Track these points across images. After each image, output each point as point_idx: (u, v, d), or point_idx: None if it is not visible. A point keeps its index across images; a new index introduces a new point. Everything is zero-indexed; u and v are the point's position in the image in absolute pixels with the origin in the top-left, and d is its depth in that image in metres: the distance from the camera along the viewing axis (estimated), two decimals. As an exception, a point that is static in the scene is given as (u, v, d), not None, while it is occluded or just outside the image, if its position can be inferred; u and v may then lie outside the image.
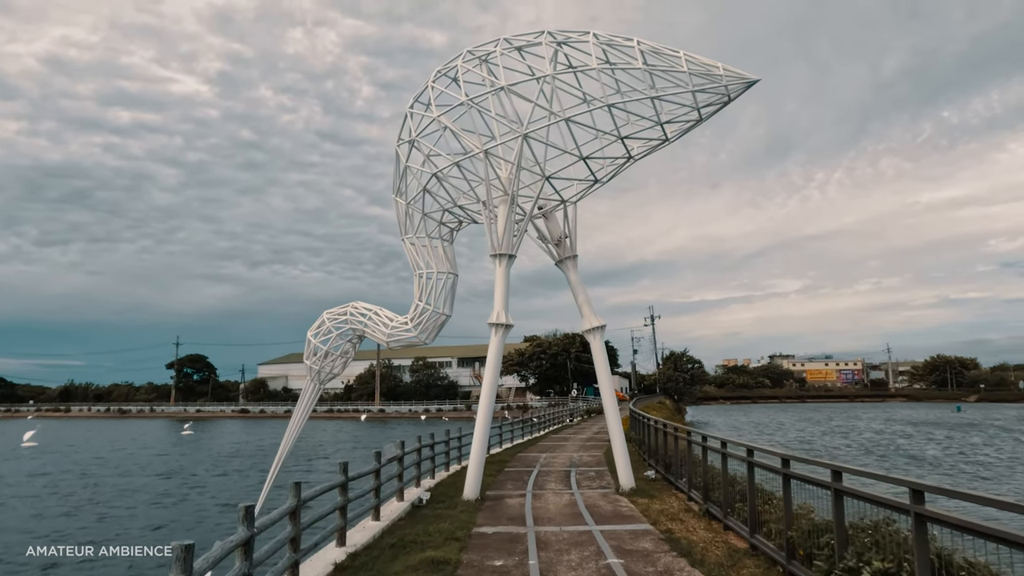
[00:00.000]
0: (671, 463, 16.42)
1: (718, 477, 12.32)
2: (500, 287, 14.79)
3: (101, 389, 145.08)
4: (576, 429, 41.28)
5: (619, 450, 15.41)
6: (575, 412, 56.92)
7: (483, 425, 14.47)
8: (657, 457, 18.36)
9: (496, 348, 14.60)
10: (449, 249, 16.99)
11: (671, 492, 15.05)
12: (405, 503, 13.44)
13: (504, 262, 14.87)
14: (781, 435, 58.76)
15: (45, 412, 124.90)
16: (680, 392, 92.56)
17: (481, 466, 14.46)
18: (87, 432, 75.02)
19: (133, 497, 26.82)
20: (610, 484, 16.43)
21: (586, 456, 23.42)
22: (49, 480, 32.80)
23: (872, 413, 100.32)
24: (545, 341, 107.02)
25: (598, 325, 15.67)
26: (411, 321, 16.41)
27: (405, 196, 16.41)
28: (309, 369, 17.71)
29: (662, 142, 14.81)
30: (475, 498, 14.05)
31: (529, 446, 28.12)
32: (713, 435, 12.43)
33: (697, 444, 13.22)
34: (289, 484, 8.26)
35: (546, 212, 16.49)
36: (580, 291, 16.04)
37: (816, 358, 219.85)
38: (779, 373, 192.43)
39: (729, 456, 11.03)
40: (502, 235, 14.91)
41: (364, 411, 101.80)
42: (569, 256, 16.17)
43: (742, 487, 10.86)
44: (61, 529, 19.94)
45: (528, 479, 17.43)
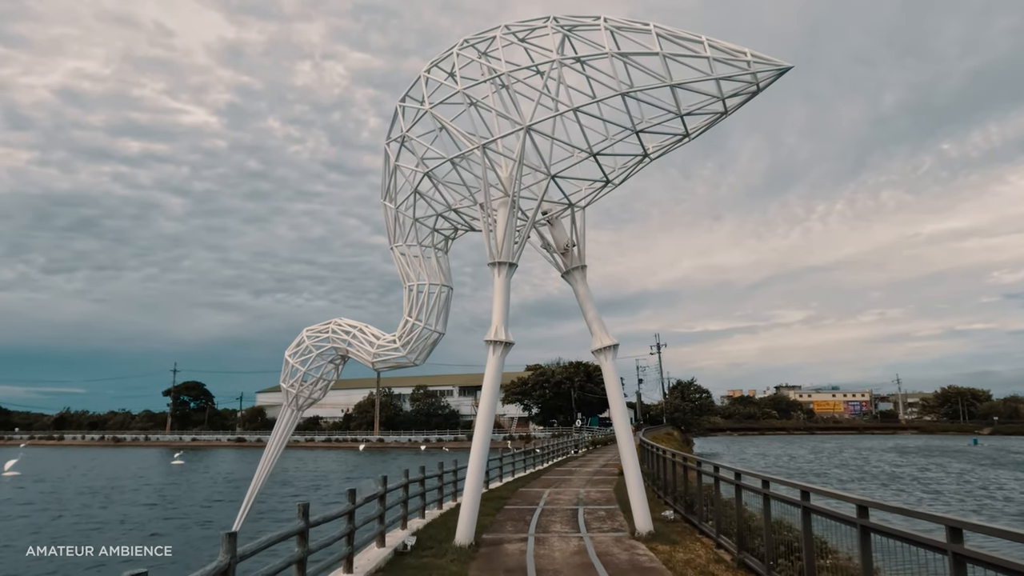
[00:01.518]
0: (693, 502, 14.46)
1: (756, 522, 10.43)
2: (499, 300, 13.04)
3: (96, 417, 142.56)
4: (582, 461, 39.08)
5: (634, 486, 13.48)
6: (580, 443, 54.61)
7: (479, 457, 12.59)
8: (676, 495, 16.37)
9: (494, 369, 12.79)
10: (443, 259, 15.28)
11: (695, 537, 13.08)
12: (387, 549, 11.50)
13: (504, 272, 13.14)
14: (810, 470, 56.24)
15: (39, 440, 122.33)
16: (687, 423, 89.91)
17: (476, 505, 12.54)
18: (76, 461, 72.68)
19: (102, 529, 24.75)
20: (623, 526, 14.44)
21: (595, 492, 21.37)
22: (16, 510, 30.70)
23: (887, 444, 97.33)
24: (548, 370, 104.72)
25: (610, 344, 13.87)
26: (399, 339, 14.64)
27: (394, 200, 14.77)
28: (286, 393, 15.90)
29: (682, 138, 13.18)
30: (468, 543, 12.11)
31: (532, 480, 26.04)
32: (749, 472, 10.55)
33: (728, 482, 11.31)
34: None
35: (551, 217, 14.81)
36: (589, 306, 14.27)
37: (823, 389, 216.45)
38: (786, 404, 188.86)
39: (774, 499, 9.15)
40: (501, 241, 13.21)
41: (363, 440, 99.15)
42: (577, 267, 14.44)
43: (790, 537, 8.96)
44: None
45: (530, 519, 15.45)
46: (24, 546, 17.41)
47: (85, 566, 15.18)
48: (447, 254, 15.54)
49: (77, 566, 15.14)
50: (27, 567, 15.67)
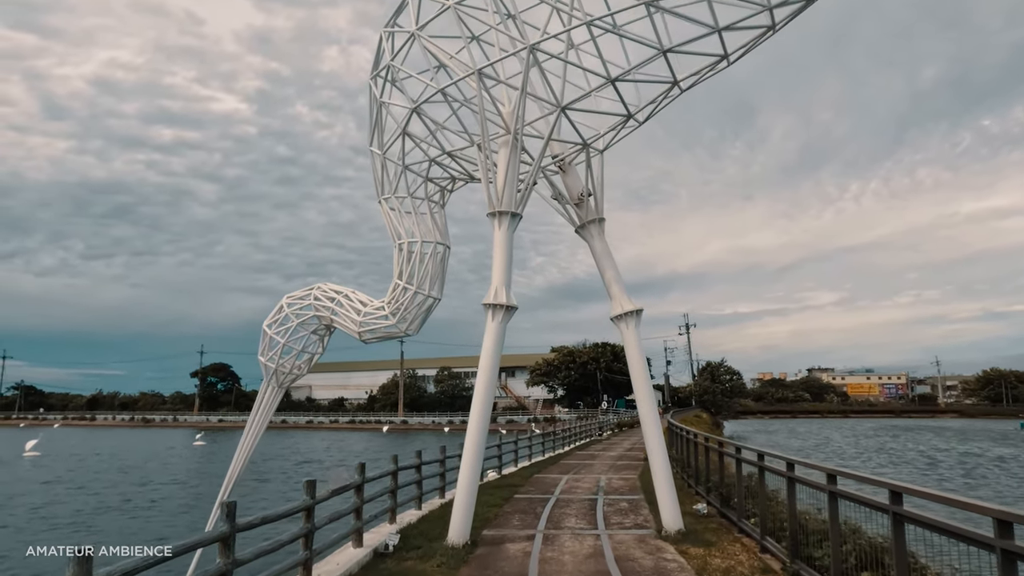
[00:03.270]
0: (730, 494, 12.37)
1: (815, 523, 8.34)
2: (500, 256, 11.01)
3: (128, 398, 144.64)
4: (606, 444, 37.10)
5: (661, 476, 11.43)
6: (605, 425, 52.62)
7: (476, 442, 10.65)
8: (708, 485, 14.28)
9: (494, 338, 10.79)
10: (439, 214, 13.29)
11: (732, 536, 11.02)
12: (364, 550, 9.66)
13: (505, 223, 11.08)
14: (855, 457, 53.53)
15: (71, 420, 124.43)
16: (718, 405, 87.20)
17: (472, 496, 10.63)
18: (101, 441, 73.06)
19: (104, 512, 23.64)
20: (648, 521, 12.42)
21: (617, 480, 19.36)
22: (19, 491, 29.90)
23: (930, 426, 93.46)
24: (574, 351, 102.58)
25: (631, 309, 11.76)
26: (388, 306, 12.73)
27: (382, 144, 12.77)
28: (264, 368, 14.13)
29: (719, 61, 10.92)
30: (463, 542, 10.21)
31: (550, 464, 24.14)
32: (805, 462, 8.44)
33: (777, 473, 9.21)
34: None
35: (563, 163, 12.68)
36: (607, 264, 12.15)
37: (857, 372, 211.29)
38: (819, 387, 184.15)
39: (844, 498, 7.04)
40: (502, 188, 11.14)
41: (387, 422, 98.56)
42: (593, 220, 12.31)
43: (865, 546, 6.86)
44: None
45: (542, 512, 13.52)
46: (24, 546, 16.52)
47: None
48: (444, 208, 13.53)
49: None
50: (27, 567, 14.75)
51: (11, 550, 15.94)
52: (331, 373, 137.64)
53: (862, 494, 6.68)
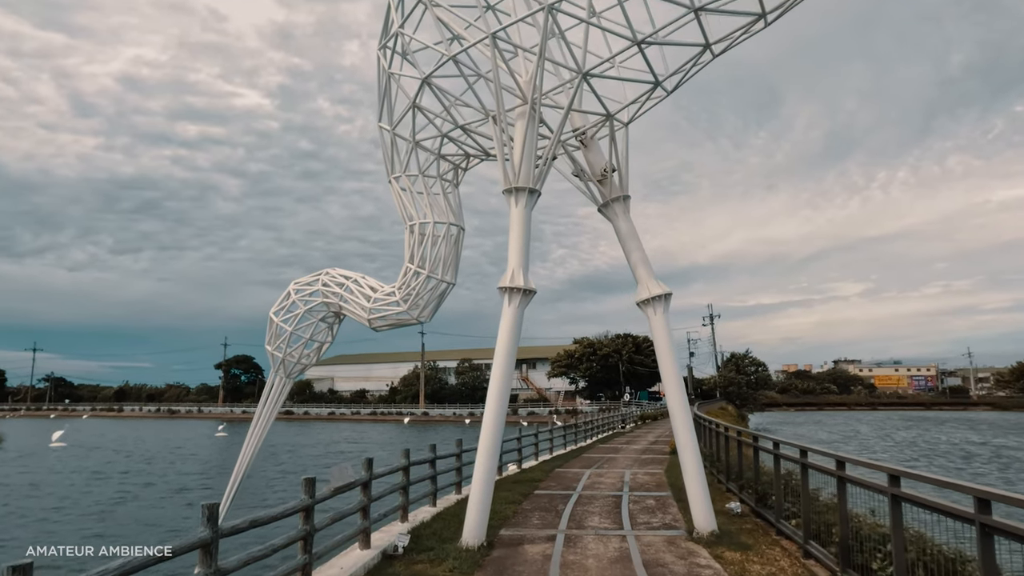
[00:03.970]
0: (766, 492, 11.48)
1: (868, 528, 7.45)
2: (516, 237, 10.21)
3: (154, 390, 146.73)
4: (629, 437, 36.22)
5: (693, 472, 10.58)
6: (628, 417, 51.70)
7: (491, 433, 9.90)
8: (741, 482, 13.39)
9: (510, 324, 10.00)
10: (453, 193, 12.50)
11: (771, 539, 10.15)
12: (371, 552, 8.98)
13: (523, 200, 10.27)
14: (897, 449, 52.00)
15: (100, 412, 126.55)
16: (743, 397, 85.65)
17: (488, 494, 9.89)
18: (126, 432, 73.85)
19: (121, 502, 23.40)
20: (678, 521, 11.59)
21: (643, 475, 18.52)
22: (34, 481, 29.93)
23: (963, 419, 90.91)
24: (595, 342, 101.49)
25: (659, 294, 10.89)
26: (399, 291, 12.00)
27: (391, 120, 12.01)
28: (272, 357, 13.51)
29: (756, 20, 9.96)
30: (478, 544, 9.48)
31: (572, 458, 23.36)
32: (861, 460, 7.56)
33: (824, 471, 8.33)
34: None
35: (584, 136, 11.81)
36: (633, 246, 11.28)
37: (884, 363, 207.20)
38: (846, 379, 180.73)
39: (908, 502, 6.16)
40: (519, 162, 10.32)
41: (408, 414, 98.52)
42: (617, 197, 11.44)
43: (936, 554, 5.99)
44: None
45: (563, 509, 12.76)
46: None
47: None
48: (457, 188, 12.75)
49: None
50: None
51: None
52: (353, 365, 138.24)
53: (933, 498, 5.80)
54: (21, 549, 15.61)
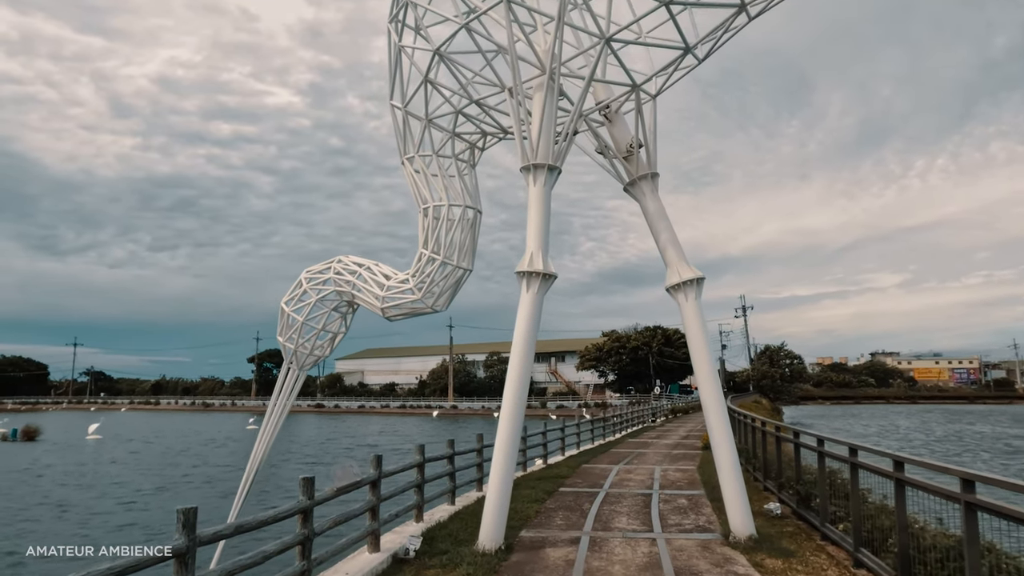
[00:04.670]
0: (810, 493, 10.60)
1: (931, 536, 6.59)
2: (535, 216, 9.48)
3: (189, 383, 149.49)
4: (660, 431, 35.29)
5: (728, 471, 9.76)
6: (658, 411, 50.65)
7: (509, 429, 9.21)
8: (781, 480, 12.51)
9: (529, 311, 9.30)
10: (469, 175, 11.82)
11: (815, 543, 9.30)
12: (381, 555, 8.38)
13: (541, 177, 9.53)
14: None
15: (137, 405, 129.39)
16: (777, 390, 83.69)
17: (506, 494, 9.21)
18: (160, 424, 75.10)
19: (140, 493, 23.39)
20: (712, 523, 10.78)
21: (674, 471, 17.68)
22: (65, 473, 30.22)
23: (1008, 412, 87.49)
24: (624, 335, 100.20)
25: (691, 278, 10.06)
26: (413, 278, 11.37)
27: (403, 97, 11.35)
28: (283, 348, 13.03)
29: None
30: (495, 547, 8.82)
31: (600, 453, 22.59)
32: (919, 460, 6.71)
33: (880, 473, 7.47)
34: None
35: (608, 110, 11.00)
36: (662, 227, 10.46)
37: (923, 356, 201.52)
38: (884, 372, 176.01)
39: (985, 511, 5.30)
40: (537, 137, 9.58)
41: (436, 407, 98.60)
42: (644, 175, 10.62)
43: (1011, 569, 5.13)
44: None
45: (589, 509, 12.03)
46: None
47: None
48: (474, 169, 12.06)
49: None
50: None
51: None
52: (383, 359, 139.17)
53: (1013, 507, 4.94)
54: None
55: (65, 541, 16.65)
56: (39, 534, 17.95)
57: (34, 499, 24.40)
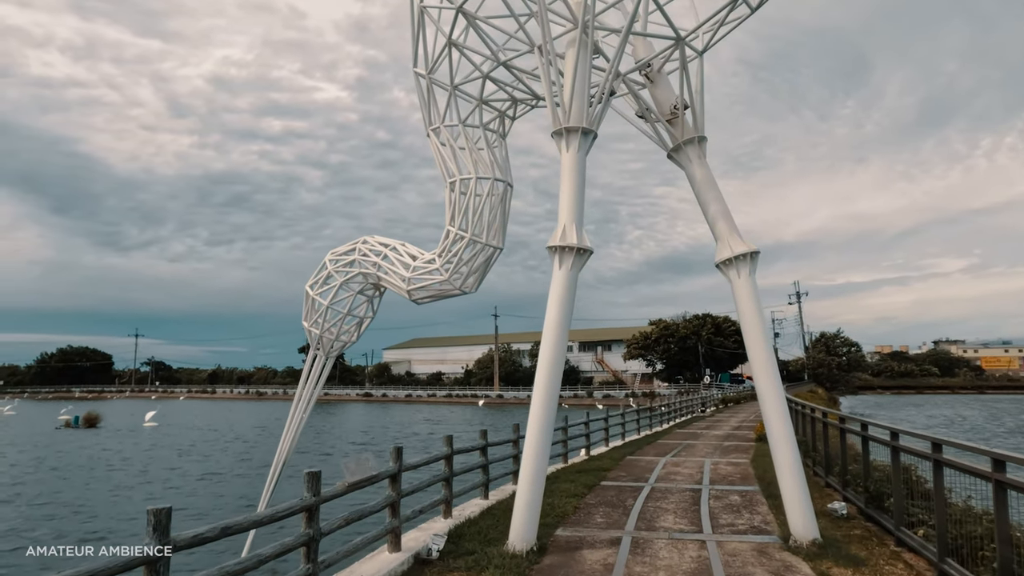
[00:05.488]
0: (881, 492, 9.48)
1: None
2: (568, 186, 8.60)
3: (244, 373, 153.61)
4: (710, 422, 33.95)
5: (788, 467, 8.74)
6: (708, 401, 49.08)
7: (541, 419, 8.41)
8: (847, 478, 11.36)
9: (562, 289, 8.45)
10: (499, 146, 10.99)
11: (888, 549, 8.22)
12: (401, 556, 7.71)
13: (575, 143, 8.63)
14: None
15: (195, 393, 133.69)
16: (833, 379, 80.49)
17: (538, 490, 8.42)
18: (215, 412, 77.11)
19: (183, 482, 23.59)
20: (769, 524, 9.77)
21: (725, 465, 16.60)
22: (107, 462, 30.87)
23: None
24: (673, 324, 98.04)
25: (744, 252, 9.03)
26: (439, 257, 10.64)
27: (427, 64, 10.58)
28: (309, 334, 12.51)
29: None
30: (527, 548, 8.04)
31: (645, 445, 21.59)
32: (1015, 456, 5.62)
33: (973, 474, 6.38)
34: None
35: (650, 70, 10.00)
36: (711, 197, 9.44)
37: (992, 344, 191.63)
38: (948, 360, 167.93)
39: None
40: (570, 97, 8.68)
41: (482, 396, 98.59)
42: (691, 139, 9.60)
43: None
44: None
45: (632, 505, 11.15)
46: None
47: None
48: (504, 139, 11.23)
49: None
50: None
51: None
52: (429, 348, 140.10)
53: None
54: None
55: (98, 527, 16.68)
56: (63, 525, 18.06)
57: (92, 484, 24.86)
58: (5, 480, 25.96)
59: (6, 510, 20.23)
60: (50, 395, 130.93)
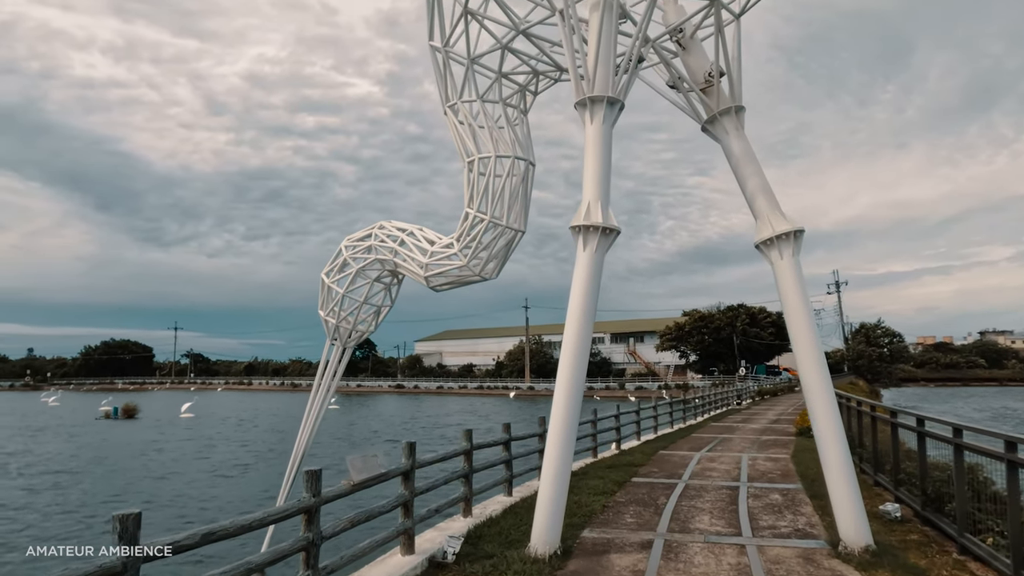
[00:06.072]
0: (941, 494, 8.64)
1: None
2: (593, 161, 7.92)
3: (279, 365, 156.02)
4: (746, 415, 32.90)
5: (837, 465, 7.95)
6: (743, 393, 47.81)
7: (565, 413, 7.80)
8: (898, 476, 10.49)
9: (586, 272, 7.80)
10: (520, 123, 10.35)
11: (951, 557, 7.42)
12: (414, 559, 7.19)
13: (600, 114, 7.95)
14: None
15: (232, 385, 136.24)
16: (875, 371, 78.02)
17: (561, 489, 7.81)
18: (251, 403, 78.23)
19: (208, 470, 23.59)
20: (814, 526, 9.01)
21: (764, 460, 15.76)
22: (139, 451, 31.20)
23: None
24: (707, 314, 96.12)
25: (787, 230, 8.25)
26: (458, 241, 10.07)
27: (443, 36, 9.98)
28: (325, 324, 12.07)
29: None
30: (550, 551, 7.45)
31: (679, 438, 20.80)
32: None
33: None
34: None
35: (682, 36, 9.23)
36: (750, 171, 8.66)
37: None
38: (995, 351, 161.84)
39: None
40: (594, 65, 7.99)
41: (513, 388, 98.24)
42: (727, 109, 8.82)
43: None
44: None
45: (665, 504, 10.47)
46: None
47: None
48: (526, 116, 10.58)
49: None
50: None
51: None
52: (460, 340, 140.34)
53: None
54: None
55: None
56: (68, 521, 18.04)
57: (122, 475, 25.07)
58: (35, 471, 26.35)
59: (31, 498, 20.42)
60: (94, 386, 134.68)
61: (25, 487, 22.63)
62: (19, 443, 36.92)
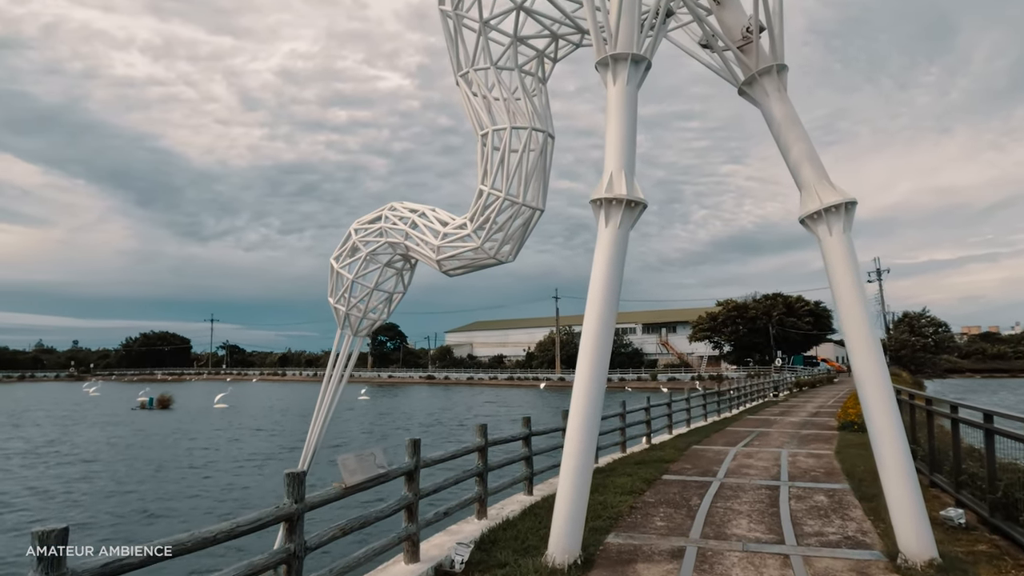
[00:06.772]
0: (1013, 498, 7.64)
1: None
2: (616, 127, 7.10)
3: (312, 356, 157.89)
4: (784, 407, 31.63)
5: (896, 467, 7.03)
6: (780, 384, 46.29)
7: (586, 406, 7.02)
8: (960, 477, 9.47)
9: (609, 250, 6.99)
10: (538, 92, 9.53)
11: None
12: (418, 568, 6.52)
13: (623, 74, 7.11)
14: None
15: (266, 376, 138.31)
16: (918, 362, 75.29)
17: (582, 491, 7.04)
18: (284, 394, 79.00)
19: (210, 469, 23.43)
20: (867, 533, 8.08)
21: (805, 457, 14.75)
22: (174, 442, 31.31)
23: None
24: (742, 304, 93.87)
25: (837, 202, 7.31)
26: (471, 221, 9.33)
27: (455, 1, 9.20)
28: (335, 311, 11.46)
29: None
30: (569, 560, 6.70)
31: (713, 432, 19.83)
32: None
33: None
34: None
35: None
36: (794, 136, 7.73)
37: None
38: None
39: None
40: (616, 20, 7.15)
41: (544, 379, 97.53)
42: (768, 69, 7.89)
43: None
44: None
45: (698, 505, 9.63)
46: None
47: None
48: (545, 85, 9.76)
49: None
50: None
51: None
52: (491, 331, 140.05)
53: None
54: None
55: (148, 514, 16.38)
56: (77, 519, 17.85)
57: (148, 465, 25.08)
58: (65, 460, 26.54)
59: (53, 485, 20.42)
60: (135, 377, 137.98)
61: (54, 476, 22.72)
62: (55, 431, 37.57)
